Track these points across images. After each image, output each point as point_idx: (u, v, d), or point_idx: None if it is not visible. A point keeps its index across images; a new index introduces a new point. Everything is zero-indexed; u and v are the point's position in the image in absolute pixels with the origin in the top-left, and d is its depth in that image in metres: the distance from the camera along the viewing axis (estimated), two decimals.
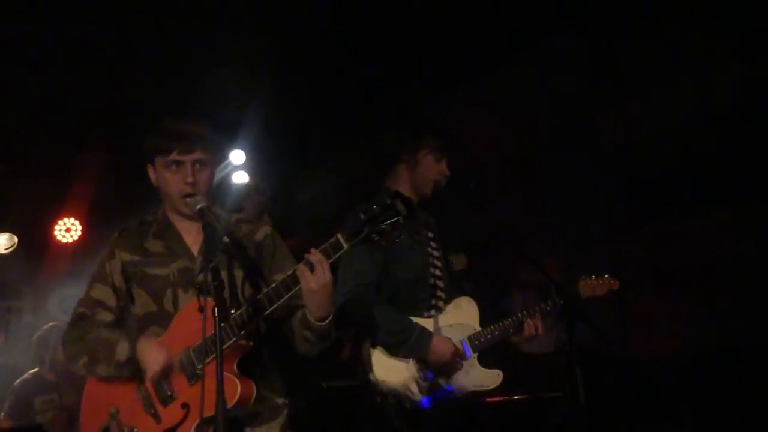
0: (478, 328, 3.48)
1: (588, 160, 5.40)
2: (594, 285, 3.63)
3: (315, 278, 2.49)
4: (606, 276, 3.64)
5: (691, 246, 4.79)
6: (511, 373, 3.62)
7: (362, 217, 2.50)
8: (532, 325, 3.46)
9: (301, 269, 2.51)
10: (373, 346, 3.34)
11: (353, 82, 5.86)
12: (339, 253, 2.52)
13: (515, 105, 5.72)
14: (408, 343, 3.31)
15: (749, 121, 4.52)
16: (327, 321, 2.60)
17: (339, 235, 2.52)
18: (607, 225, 5.32)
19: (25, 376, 5.25)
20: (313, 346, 2.72)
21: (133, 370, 2.68)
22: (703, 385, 4.47)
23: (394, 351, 3.33)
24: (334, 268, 2.57)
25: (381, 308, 3.35)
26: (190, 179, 2.71)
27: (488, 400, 3.60)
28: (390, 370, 3.31)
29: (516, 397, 4.66)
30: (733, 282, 4.54)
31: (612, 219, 5.29)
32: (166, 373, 2.62)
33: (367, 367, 3.32)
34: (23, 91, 5.70)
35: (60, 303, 6.92)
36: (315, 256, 2.50)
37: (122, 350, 2.68)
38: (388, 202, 2.51)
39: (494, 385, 3.45)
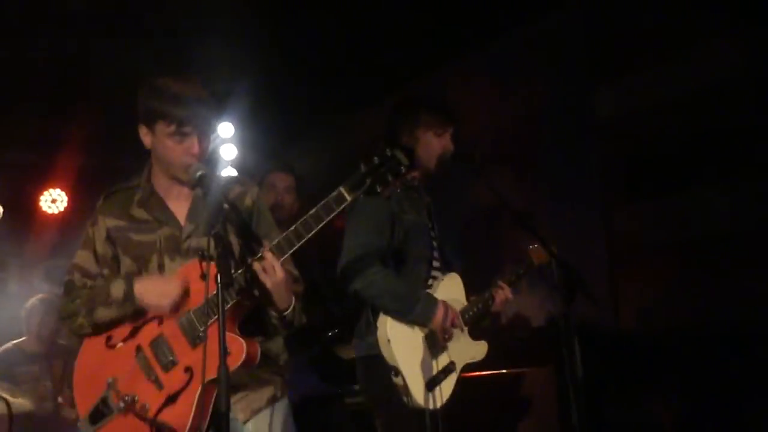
0: (466, 303, 3.52)
1: (583, 132, 5.36)
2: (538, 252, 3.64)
3: (267, 277, 2.49)
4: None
5: (684, 220, 4.78)
6: (498, 347, 3.65)
7: (363, 168, 2.46)
8: (501, 293, 3.52)
9: (256, 266, 2.50)
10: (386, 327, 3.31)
11: (347, 51, 5.78)
12: (342, 206, 2.49)
13: (511, 77, 5.66)
14: (415, 310, 3.29)
15: (746, 96, 4.49)
16: (288, 311, 2.61)
17: (341, 188, 2.49)
18: (600, 199, 5.29)
19: (7, 345, 5.26)
20: (277, 330, 2.74)
21: (135, 308, 2.63)
22: (689, 358, 4.48)
23: (401, 318, 3.30)
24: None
25: (385, 273, 3.32)
26: (195, 150, 2.65)
27: (469, 375, 3.63)
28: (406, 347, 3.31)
29: (493, 372, 4.64)
30: (725, 256, 4.54)
31: (606, 193, 5.26)
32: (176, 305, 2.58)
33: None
34: (6, 60, 5.60)
35: (46, 274, 6.89)
36: (266, 254, 2.49)
37: (117, 288, 2.64)
38: (389, 153, 2.47)
39: (483, 356, 3.53)
